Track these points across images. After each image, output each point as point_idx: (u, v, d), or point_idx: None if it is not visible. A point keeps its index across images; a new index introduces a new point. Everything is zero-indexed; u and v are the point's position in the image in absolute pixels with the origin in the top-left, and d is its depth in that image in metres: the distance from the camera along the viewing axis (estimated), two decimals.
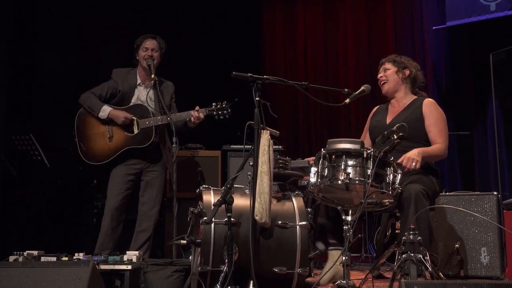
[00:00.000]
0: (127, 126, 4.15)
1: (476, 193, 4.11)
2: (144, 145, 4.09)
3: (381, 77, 3.74)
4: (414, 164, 3.14)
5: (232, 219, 2.71)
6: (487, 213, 3.94)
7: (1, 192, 4.57)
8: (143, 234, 4.12)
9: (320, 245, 3.28)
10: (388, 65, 3.75)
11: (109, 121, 4.15)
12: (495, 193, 4.00)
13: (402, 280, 2.33)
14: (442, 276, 3.33)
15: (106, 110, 4.12)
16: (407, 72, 3.71)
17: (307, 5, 6.82)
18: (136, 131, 4.12)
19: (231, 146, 5.02)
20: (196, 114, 4.08)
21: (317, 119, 6.67)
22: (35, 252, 3.08)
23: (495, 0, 5.49)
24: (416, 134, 3.44)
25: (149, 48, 4.22)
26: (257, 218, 2.72)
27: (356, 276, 3.80)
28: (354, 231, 2.82)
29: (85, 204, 5.11)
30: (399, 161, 3.15)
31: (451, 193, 4.23)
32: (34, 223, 5.02)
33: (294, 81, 3.11)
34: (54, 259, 3.02)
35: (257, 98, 2.80)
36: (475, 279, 3.91)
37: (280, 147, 4.82)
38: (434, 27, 6.05)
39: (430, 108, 3.58)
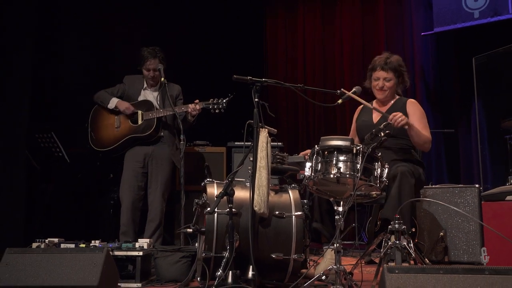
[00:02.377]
0: (133, 118, 4.29)
1: (459, 185, 4.12)
2: (146, 133, 4.23)
3: (382, 87, 3.60)
4: (400, 119, 3.19)
5: (233, 209, 2.73)
6: (469, 204, 3.96)
7: (26, 185, 4.61)
8: (152, 224, 4.20)
9: (316, 224, 3.34)
10: (389, 75, 3.58)
11: (118, 114, 4.33)
12: (476, 185, 4.01)
13: (385, 265, 2.35)
14: (428, 261, 3.35)
15: (114, 101, 4.34)
16: (400, 79, 3.65)
17: (307, 12, 6.81)
18: (140, 122, 4.27)
19: (235, 143, 5.05)
20: (193, 105, 4.18)
21: (315, 117, 6.66)
22: (56, 240, 3.13)
23: (479, 8, 5.47)
24: (401, 132, 3.45)
25: (151, 69, 4.31)
26: (256, 209, 2.74)
27: (350, 262, 3.82)
28: (349, 221, 2.83)
29: (102, 196, 5.14)
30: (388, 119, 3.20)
31: (436, 186, 4.24)
32: (56, 213, 5.06)
33: (295, 81, 3.13)
34: (72, 246, 3.06)
35: (256, 99, 2.82)
36: (458, 264, 3.93)
37: (280, 143, 4.81)
38: (422, 33, 6.03)
39: (414, 108, 3.61)
